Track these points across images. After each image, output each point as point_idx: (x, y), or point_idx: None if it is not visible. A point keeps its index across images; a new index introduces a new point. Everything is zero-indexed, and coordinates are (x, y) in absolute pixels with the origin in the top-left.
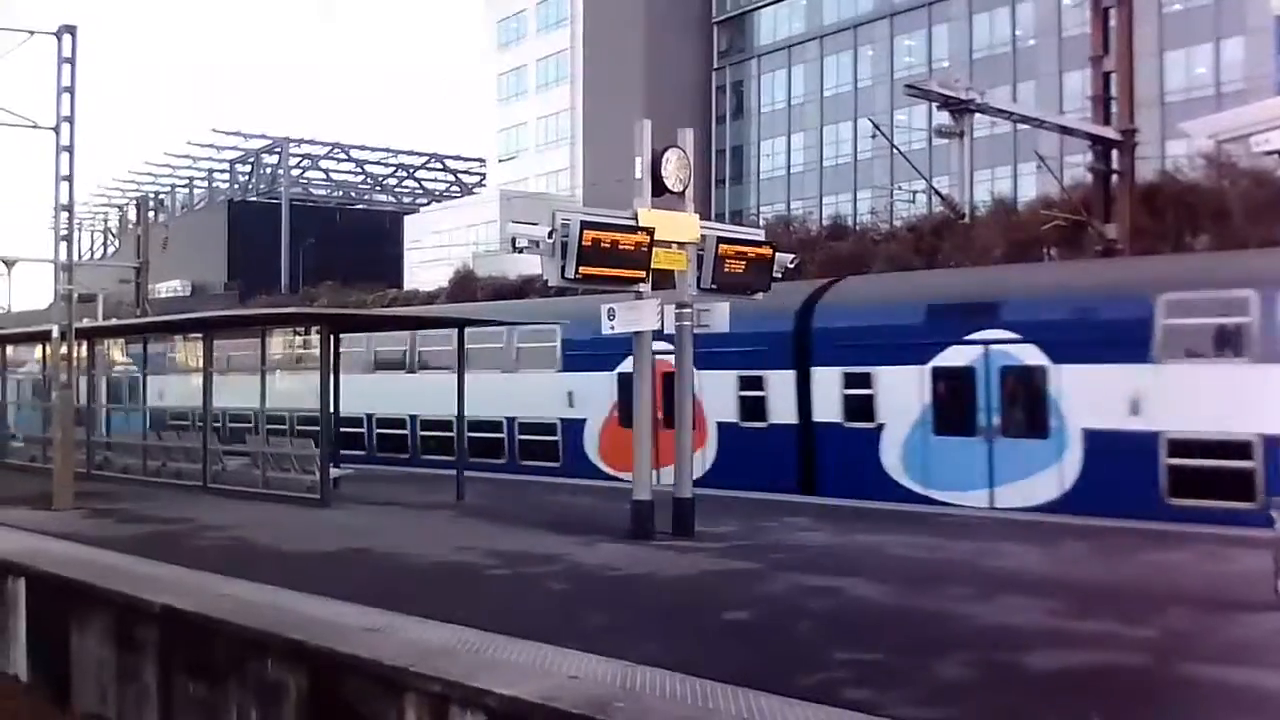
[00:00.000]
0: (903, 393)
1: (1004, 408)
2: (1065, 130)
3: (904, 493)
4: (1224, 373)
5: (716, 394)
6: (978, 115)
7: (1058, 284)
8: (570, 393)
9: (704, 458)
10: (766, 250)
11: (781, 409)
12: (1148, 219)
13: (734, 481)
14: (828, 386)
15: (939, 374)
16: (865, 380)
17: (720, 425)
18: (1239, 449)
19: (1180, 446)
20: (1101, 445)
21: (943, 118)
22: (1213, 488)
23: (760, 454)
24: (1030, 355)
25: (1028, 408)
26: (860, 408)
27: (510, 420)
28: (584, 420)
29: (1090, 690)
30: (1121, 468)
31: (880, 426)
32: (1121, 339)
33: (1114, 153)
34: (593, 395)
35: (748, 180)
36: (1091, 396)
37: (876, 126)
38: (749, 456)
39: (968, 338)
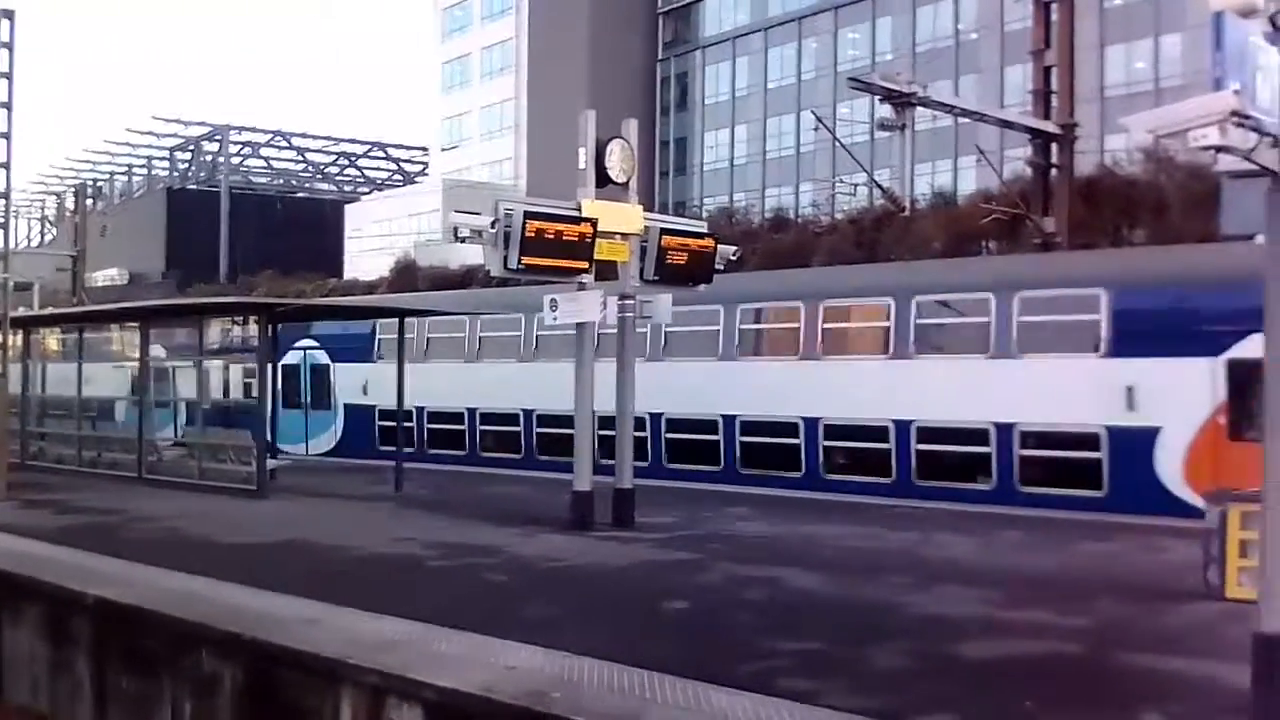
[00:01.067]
0: None
1: None
2: (1006, 124)
3: None
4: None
5: None
6: (919, 108)
7: None
8: None
9: None
10: (709, 242)
11: None
12: (1086, 213)
13: None
14: None
15: None
16: None
17: None
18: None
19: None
20: None
21: (885, 111)
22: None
23: None
24: None
25: None
26: None
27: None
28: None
29: (1025, 679)
30: None
31: None
32: None
33: (1054, 146)
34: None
35: (691, 172)
36: None
37: (819, 119)
38: None
39: None
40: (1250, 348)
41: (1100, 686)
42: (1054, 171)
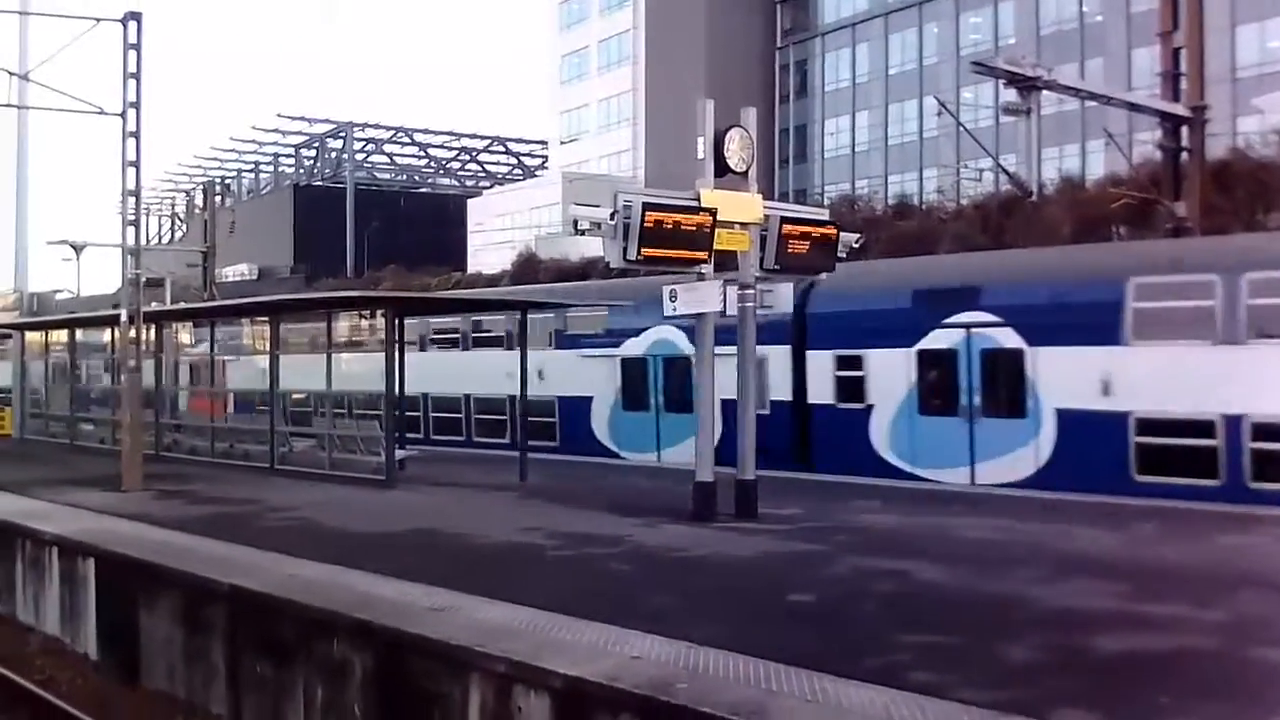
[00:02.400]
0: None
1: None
2: (1134, 107)
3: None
4: None
5: None
6: (1045, 92)
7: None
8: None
9: None
10: (831, 230)
11: None
12: (1218, 196)
13: None
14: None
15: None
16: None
17: None
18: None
19: None
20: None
21: (1009, 95)
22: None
23: None
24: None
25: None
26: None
27: None
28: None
29: (1159, 674)
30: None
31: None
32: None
33: (1184, 129)
34: None
35: (812, 159)
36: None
37: (942, 104)
38: None
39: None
40: None
41: (1237, 682)
42: (1185, 155)
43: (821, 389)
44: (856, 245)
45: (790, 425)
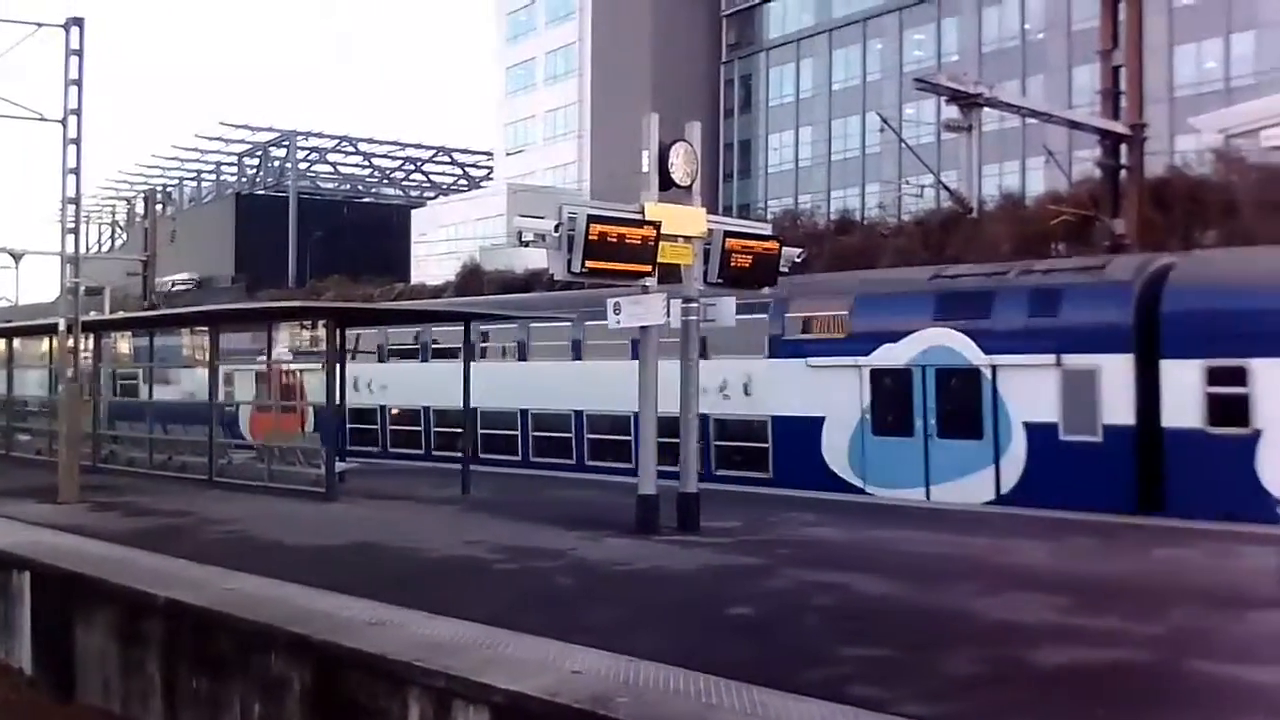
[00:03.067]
0: None
1: None
2: (1074, 125)
3: None
4: None
5: None
6: (986, 109)
7: None
8: None
9: None
10: (773, 245)
11: None
12: (1156, 214)
13: None
14: None
15: None
16: None
17: None
18: None
19: None
20: None
21: (951, 112)
22: None
23: None
24: None
25: None
26: None
27: None
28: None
29: (1098, 687)
30: None
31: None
32: None
33: (1123, 147)
34: None
35: (756, 174)
36: None
37: (885, 120)
38: None
39: None
40: None
41: (1175, 696)
42: (1124, 172)
43: (1183, 409)
44: (799, 260)
45: (1130, 457)
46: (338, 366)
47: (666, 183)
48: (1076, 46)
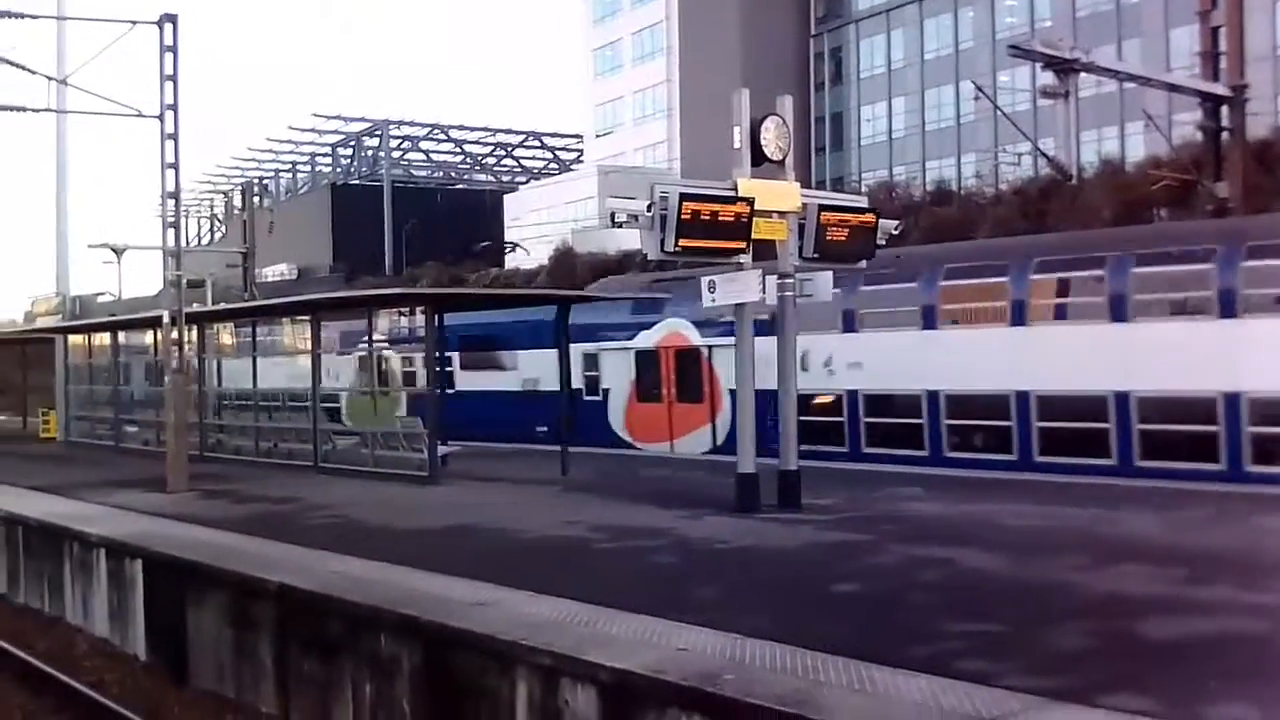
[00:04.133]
0: None
1: None
2: (1173, 88)
3: None
4: None
5: None
6: (1083, 75)
7: None
8: None
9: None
10: (869, 217)
11: None
12: (1261, 176)
13: None
14: None
15: None
16: None
17: None
18: None
19: None
20: None
21: (1047, 78)
22: None
23: None
24: None
25: None
26: None
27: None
28: None
29: (1209, 658)
30: None
31: None
32: None
33: (1224, 109)
34: None
35: (848, 147)
36: None
37: (979, 89)
38: None
39: None
40: None
41: None
42: (1225, 135)
43: None
44: (896, 232)
45: None
46: (434, 350)
47: (759, 158)
48: (1174, 7)
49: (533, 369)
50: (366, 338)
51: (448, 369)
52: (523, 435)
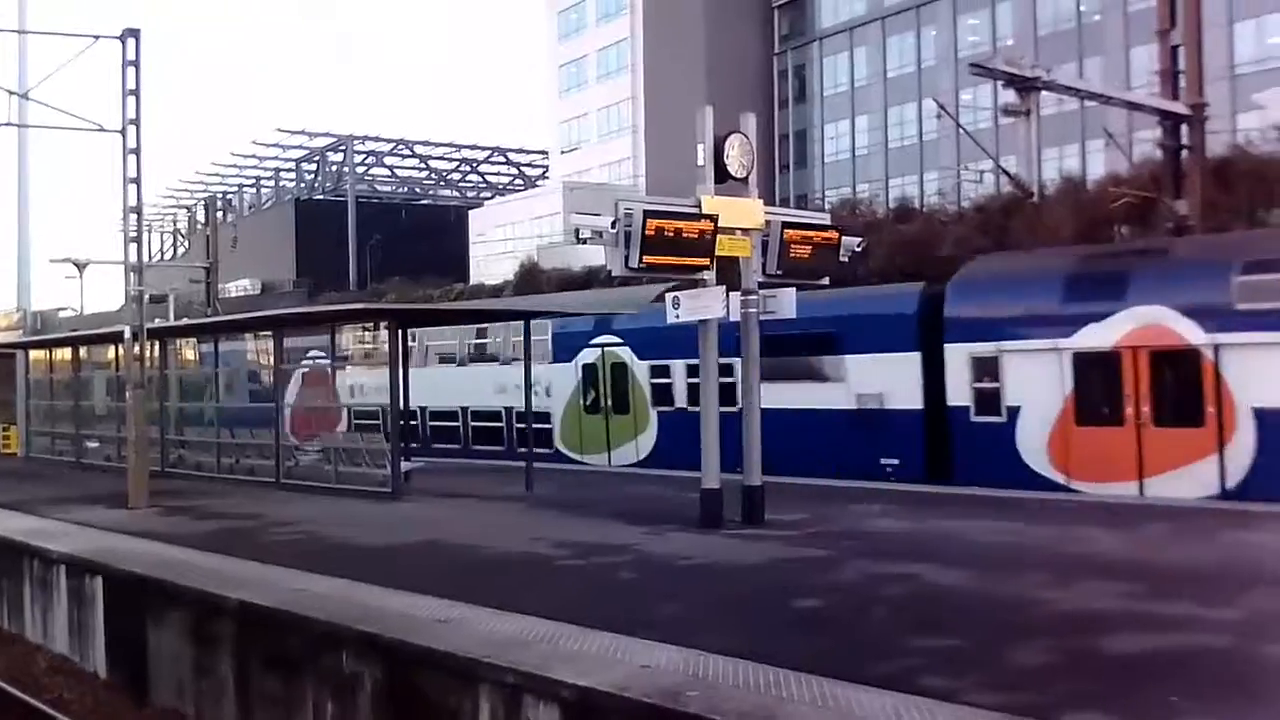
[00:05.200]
0: None
1: None
2: (1133, 106)
3: None
4: None
5: None
6: (1044, 93)
7: None
8: None
9: None
10: (833, 234)
11: None
12: (1220, 194)
13: None
14: None
15: None
16: None
17: None
18: None
19: None
20: None
21: (1009, 96)
22: None
23: None
24: None
25: None
26: None
27: None
28: None
29: (1172, 674)
30: None
31: None
32: None
33: (1183, 127)
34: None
35: (812, 164)
36: None
37: (941, 107)
38: None
39: None
40: None
41: (1252, 681)
42: (1185, 153)
43: None
44: (858, 249)
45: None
46: (400, 368)
47: (722, 175)
48: (1134, 27)
49: (872, 379)
50: (598, 336)
51: (727, 379)
52: (854, 468)
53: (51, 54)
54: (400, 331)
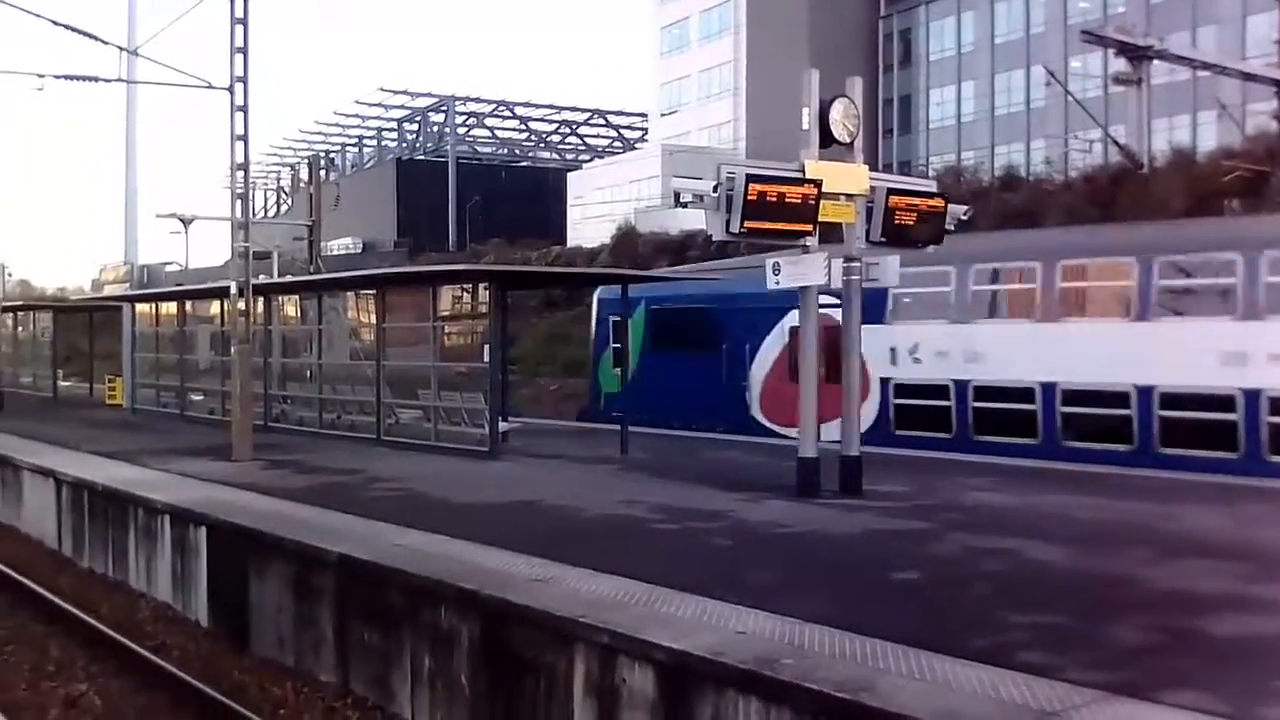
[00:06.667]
0: None
1: None
2: (1248, 77)
3: None
4: None
5: None
6: (1156, 62)
7: None
8: None
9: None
10: (938, 202)
11: None
12: None
13: None
14: None
15: None
16: None
17: None
18: None
19: None
20: None
21: (1120, 65)
22: None
23: None
24: None
25: None
26: None
27: None
28: None
29: (1275, 656)
30: None
31: None
32: None
33: None
34: None
35: (917, 130)
36: None
37: (1051, 74)
38: None
39: None
40: None
41: None
42: None
43: None
44: (965, 217)
45: None
46: (500, 328)
47: (827, 140)
48: None
49: None
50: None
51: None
52: None
53: (162, 10)
54: (502, 293)
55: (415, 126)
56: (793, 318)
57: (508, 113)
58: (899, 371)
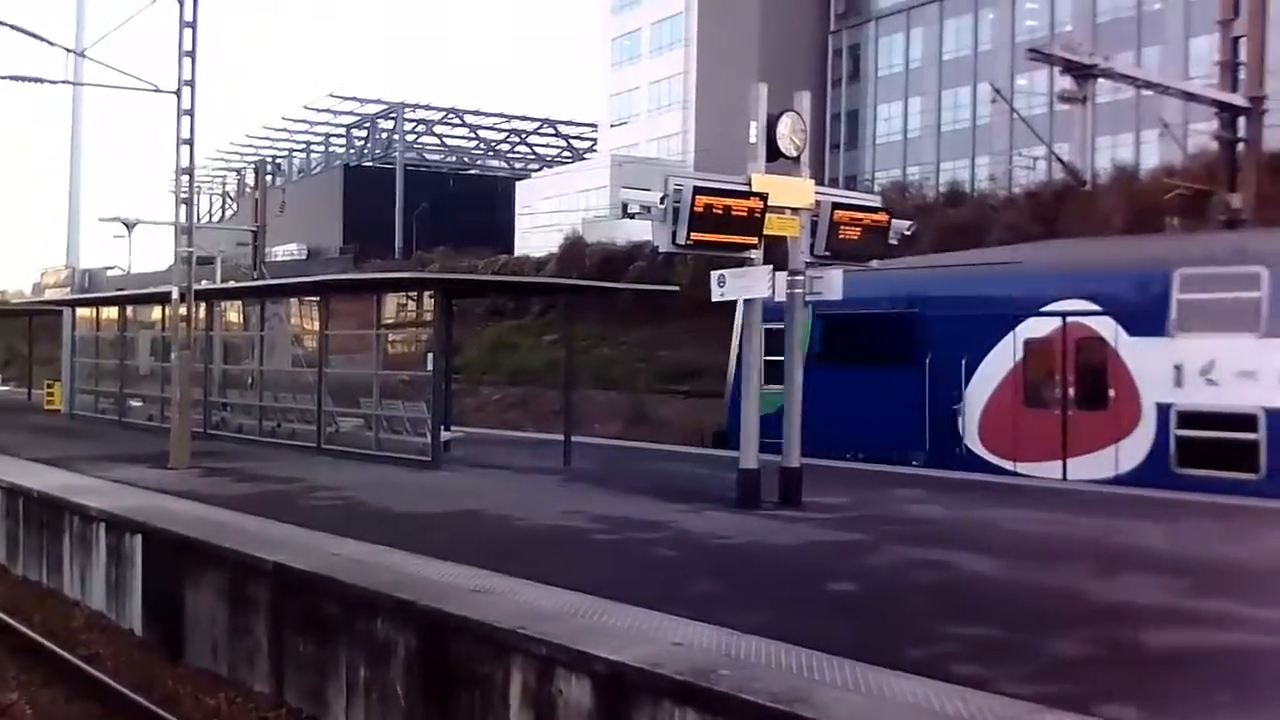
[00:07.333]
0: None
1: None
2: (1190, 97)
3: None
4: None
5: None
6: (1100, 81)
7: None
8: None
9: None
10: (882, 217)
11: None
12: (1275, 188)
13: None
14: None
15: None
16: None
17: None
18: None
19: None
20: None
21: (1065, 83)
22: None
23: None
24: None
25: None
26: None
27: None
28: None
29: (1212, 670)
30: None
31: None
32: None
33: (1241, 120)
34: None
35: (863, 145)
36: None
37: (997, 91)
38: None
39: None
40: None
41: None
42: (1241, 146)
43: None
44: (908, 233)
45: None
46: (444, 335)
47: (773, 153)
48: (1194, 16)
49: None
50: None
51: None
52: None
53: (109, 12)
54: (447, 301)
55: (364, 133)
56: (1030, 327)
57: (457, 120)
58: (1184, 395)
